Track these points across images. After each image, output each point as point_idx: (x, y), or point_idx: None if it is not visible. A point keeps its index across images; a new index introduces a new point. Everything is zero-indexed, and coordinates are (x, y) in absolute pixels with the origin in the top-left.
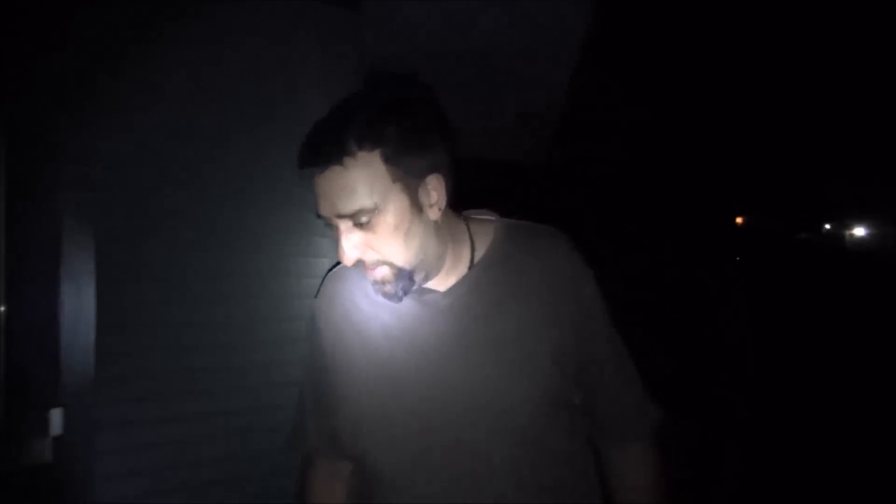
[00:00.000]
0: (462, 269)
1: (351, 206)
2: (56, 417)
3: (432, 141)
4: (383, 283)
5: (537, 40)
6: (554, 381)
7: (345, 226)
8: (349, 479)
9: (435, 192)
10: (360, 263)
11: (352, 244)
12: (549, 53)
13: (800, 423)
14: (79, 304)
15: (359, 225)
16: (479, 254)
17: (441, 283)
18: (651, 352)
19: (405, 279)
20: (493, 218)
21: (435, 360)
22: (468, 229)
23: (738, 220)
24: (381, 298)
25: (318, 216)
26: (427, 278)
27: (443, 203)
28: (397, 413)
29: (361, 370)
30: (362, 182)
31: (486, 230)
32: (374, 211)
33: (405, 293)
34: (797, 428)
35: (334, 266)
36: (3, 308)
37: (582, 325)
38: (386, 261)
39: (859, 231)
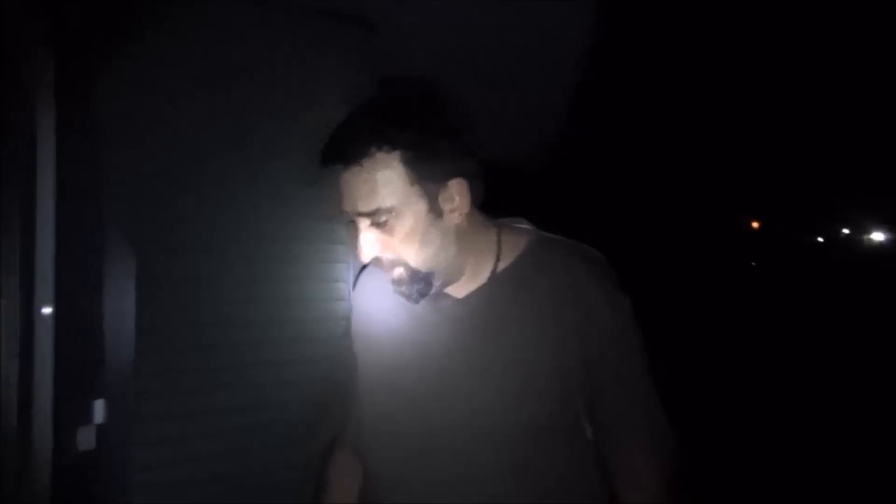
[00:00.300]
0: (483, 277)
1: (368, 205)
2: (99, 407)
3: (455, 145)
4: (399, 283)
5: (543, 47)
6: (548, 402)
7: (363, 224)
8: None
9: (458, 196)
10: (378, 263)
11: (369, 242)
12: (553, 58)
13: (807, 423)
14: (121, 307)
15: (377, 224)
16: (502, 265)
17: (460, 289)
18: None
19: (420, 282)
20: (529, 229)
21: (436, 367)
22: (498, 238)
23: (754, 224)
24: (399, 298)
25: (331, 216)
26: (447, 283)
27: (465, 208)
28: (396, 413)
29: (369, 366)
30: (380, 183)
31: (517, 241)
32: (391, 212)
33: (422, 295)
34: (805, 428)
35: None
36: (53, 310)
37: (596, 354)
38: (401, 262)
39: (877, 236)
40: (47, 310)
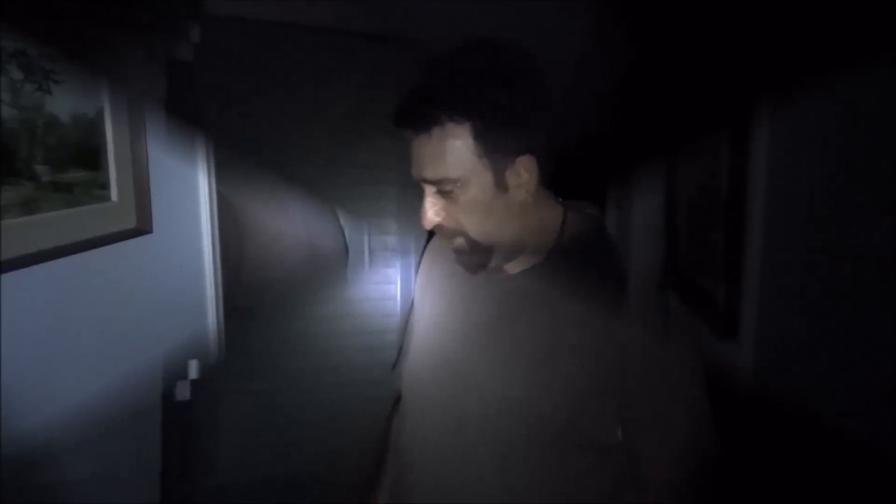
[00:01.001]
0: (540, 257)
1: (434, 173)
2: (193, 366)
3: (528, 121)
4: (460, 253)
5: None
6: (566, 400)
7: (429, 190)
8: None
9: (526, 173)
10: (441, 231)
11: (433, 209)
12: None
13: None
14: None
15: (442, 192)
16: (560, 247)
17: (515, 266)
18: None
19: (481, 254)
20: (595, 214)
21: (474, 342)
22: (563, 220)
23: None
24: (457, 269)
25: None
26: (507, 259)
27: (532, 186)
28: (426, 377)
29: (416, 333)
30: (448, 153)
31: (580, 226)
32: (456, 182)
33: (481, 268)
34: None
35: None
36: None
37: (632, 356)
38: (463, 232)
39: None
40: None
